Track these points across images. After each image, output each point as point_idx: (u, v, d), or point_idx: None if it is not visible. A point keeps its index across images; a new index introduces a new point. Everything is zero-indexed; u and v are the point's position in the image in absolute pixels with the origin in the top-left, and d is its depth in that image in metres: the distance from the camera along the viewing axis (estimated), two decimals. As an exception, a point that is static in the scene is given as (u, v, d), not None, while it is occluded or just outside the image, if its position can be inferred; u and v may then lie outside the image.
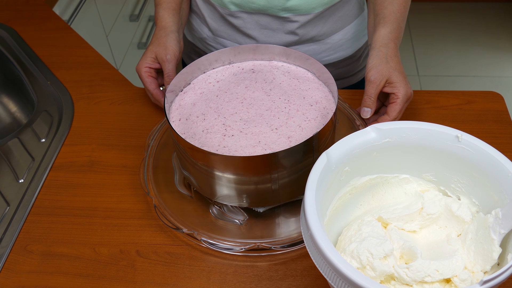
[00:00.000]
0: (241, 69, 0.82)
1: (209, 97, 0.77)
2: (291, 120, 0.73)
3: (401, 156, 0.63)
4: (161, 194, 0.78)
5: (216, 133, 0.72)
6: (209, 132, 0.72)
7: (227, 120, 0.73)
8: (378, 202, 0.65)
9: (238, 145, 0.70)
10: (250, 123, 0.73)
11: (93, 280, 0.72)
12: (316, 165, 0.57)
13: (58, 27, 1.18)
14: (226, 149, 0.69)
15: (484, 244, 0.55)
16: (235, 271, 0.71)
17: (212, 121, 0.73)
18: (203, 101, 0.77)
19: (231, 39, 0.98)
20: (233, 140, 0.70)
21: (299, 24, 0.92)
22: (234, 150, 0.69)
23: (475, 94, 0.95)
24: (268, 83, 0.79)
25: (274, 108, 0.74)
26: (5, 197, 0.83)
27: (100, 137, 0.92)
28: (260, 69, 0.82)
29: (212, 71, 0.82)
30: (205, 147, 0.69)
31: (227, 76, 0.81)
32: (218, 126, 0.73)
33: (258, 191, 0.71)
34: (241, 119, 0.73)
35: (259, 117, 0.73)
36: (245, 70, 0.82)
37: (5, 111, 1.13)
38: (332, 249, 0.50)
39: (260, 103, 0.76)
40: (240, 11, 0.92)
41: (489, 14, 2.85)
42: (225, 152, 0.69)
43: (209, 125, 0.73)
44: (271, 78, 0.80)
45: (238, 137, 0.71)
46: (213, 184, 0.72)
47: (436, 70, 2.54)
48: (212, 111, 0.75)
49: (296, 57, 0.80)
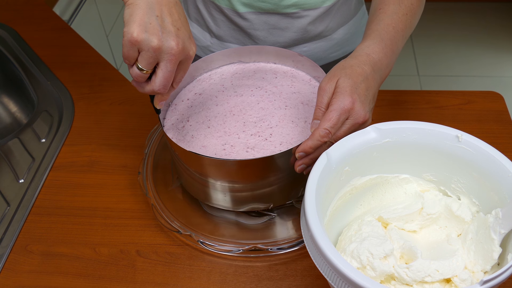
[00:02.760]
0: (239, 71, 0.82)
1: (203, 101, 0.78)
2: (284, 124, 0.72)
3: (401, 156, 0.63)
4: (160, 195, 0.78)
5: (215, 138, 0.72)
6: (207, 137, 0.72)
7: (226, 124, 0.73)
8: (378, 202, 0.65)
9: (226, 148, 0.70)
10: (247, 126, 0.73)
11: (93, 280, 0.72)
12: (316, 165, 0.57)
13: (58, 27, 1.18)
14: (225, 152, 0.70)
15: (484, 244, 0.55)
16: (235, 271, 0.71)
17: (206, 125, 0.73)
18: (196, 106, 0.77)
19: (237, 42, 0.98)
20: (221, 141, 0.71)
21: (309, 20, 0.92)
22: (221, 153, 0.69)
23: (475, 94, 0.95)
24: (264, 85, 0.79)
25: (270, 112, 0.74)
26: (5, 197, 0.83)
27: (100, 137, 0.92)
28: (257, 71, 0.82)
29: (211, 72, 0.83)
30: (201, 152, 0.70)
31: (226, 76, 0.81)
32: (215, 129, 0.73)
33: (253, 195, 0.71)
34: (237, 123, 0.73)
35: (255, 121, 0.73)
36: (243, 72, 0.82)
37: (5, 111, 1.13)
38: (332, 249, 0.50)
39: (257, 106, 0.75)
40: (248, 12, 0.91)
41: (489, 14, 2.85)
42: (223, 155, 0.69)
43: (206, 130, 0.73)
44: (267, 80, 0.80)
45: (230, 140, 0.71)
46: (206, 189, 0.72)
47: (436, 70, 2.53)
48: (205, 115, 0.75)
49: (289, 56, 0.80)
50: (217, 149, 0.70)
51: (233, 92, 0.78)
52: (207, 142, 0.71)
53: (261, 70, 0.82)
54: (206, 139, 0.71)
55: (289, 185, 0.71)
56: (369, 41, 0.70)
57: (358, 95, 0.63)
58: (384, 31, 0.72)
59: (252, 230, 0.75)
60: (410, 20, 0.75)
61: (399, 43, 0.72)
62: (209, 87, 0.80)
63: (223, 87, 0.79)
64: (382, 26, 0.72)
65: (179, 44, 0.58)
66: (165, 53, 0.58)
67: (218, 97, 0.78)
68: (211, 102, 0.77)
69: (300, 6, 0.89)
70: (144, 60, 0.58)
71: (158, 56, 0.59)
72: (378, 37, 0.70)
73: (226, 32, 0.96)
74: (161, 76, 0.60)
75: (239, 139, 0.71)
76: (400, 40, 0.73)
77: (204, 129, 0.73)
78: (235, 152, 0.69)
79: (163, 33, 0.58)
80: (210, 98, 0.78)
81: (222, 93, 0.78)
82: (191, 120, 0.75)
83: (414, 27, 0.77)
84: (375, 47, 0.69)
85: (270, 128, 0.72)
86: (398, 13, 0.74)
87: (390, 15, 0.73)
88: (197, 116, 0.75)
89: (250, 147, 0.69)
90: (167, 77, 0.60)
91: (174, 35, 0.58)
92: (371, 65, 0.67)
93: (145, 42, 0.57)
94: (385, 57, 0.69)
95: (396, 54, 0.72)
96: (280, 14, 0.91)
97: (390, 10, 0.74)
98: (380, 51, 0.69)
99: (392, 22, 0.73)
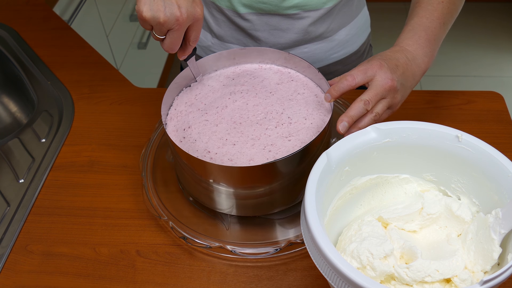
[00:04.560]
0: (239, 73, 0.82)
1: (204, 105, 0.77)
2: (286, 127, 0.72)
3: (401, 156, 0.63)
4: (160, 194, 0.78)
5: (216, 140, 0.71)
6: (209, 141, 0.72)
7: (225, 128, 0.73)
8: (378, 202, 0.65)
9: (232, 153, 0.70)
10: (245, 128, 0.72)
11: (93, 280, 0.72)
12: (316, 165, 0.57)
13: (58, 27, 1.18)
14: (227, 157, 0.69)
15: (484, 244, 0.55)
16: (235, 271, 0.71)
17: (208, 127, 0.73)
18: (196, 110, 0.77)
19: (238, 43, 0.97)
20: (225, 148, 0.70)
21: (310, 21, 0.92)
22: (227, 159, 0.69)
23: (475, 94, 0.95)
24: (263, 88, 0.78)
25: (271, 116, 0.74)
26: (5, 197, 0.83)
27: (100, 137, 0.92)
28: (255, 74, 0.81)
29: (211, 74, 0.82)
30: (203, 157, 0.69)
31: (224, 80, 0.81)
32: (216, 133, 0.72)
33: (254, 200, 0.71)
34: (235, 127, 0.73)
35: (254, 124, 0.73)
36: (242, 74, 0.82)
37: (5, 111, 1.13)
38: (332, 249, 0.50)
39: (256, 108, 0.75)
40: (249, 13, 0.91)
41: (489, 14, 2.85)
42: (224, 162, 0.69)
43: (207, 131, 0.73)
44: (265, 82, 0.79)
45: (233, 145, 0.71)
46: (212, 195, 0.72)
47: (436, 70, 2.54)
48: (207, 118, 0.75)
49: (292, 60, 0.80)
50: (220, 153, 0.70)
51: (239, 96, 0.78)
52: (211, 145, 0.71)
53: (259, 72, 0.82)
54: (209, 143, 0.71)
55: (291, 188, 0.71)
56: (403, 35, 0.76)
57: (397, 77, 0.69)
58: (417, 23, 0.76)
59: (253, 231, 0.74)
60: (448, 6, 0.78)
61: (436, 31, 0.76)
62: (209, 90, 0.80)
63: (223, 90, 0.79)
64: (416, 19, 0.77)
65: (183, 14, 0.66)
66: (172, 24, 0.66)
67: (220, 101, 0.77)
68: (212, 106, 0.77)
69: (301, 7, 0.89)
70: (156, 31, 0.68)
71: (166, 27, 0.66)
72: (411, 31, 0.76)
73: (227, 33, 0.96)
74: (168, 42, 0.69)
75: (242, 138, 0.71)
76: (438, 28, 0.77)
77: (206, 133, 0.72)
78: (237, 158, 0.69)
79: (166, 7, 0.65)
80: (211, 103, 0.77)
81: (223, 97, 0.78)
82: (192, 125, 0.74)
83: (458, 10, 0.81)
84: (408, 40, 0.75)
85: (271, 130, 0.72)
86: (432, 3, 0.78)
87: (425, 6, 0.78)
88: (198, 120, 0.75)
89: (253, 151, 0.69)
90: (173, 42, 0.69)
91: (177, 7, 0.65)
92: (405, 54, 0.73)
93: (153, 20, 0.65)
94: (420, 47, 0.74)
95: (433, 42, 0.76)
96: (281, 15, 0.91)
97: (425, 1, 0.79)
98: (413, 43, 0.74)
99: (426, 13, 0.77)
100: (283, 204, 0.74)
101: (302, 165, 0.68)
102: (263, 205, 0.72)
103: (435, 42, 0.77)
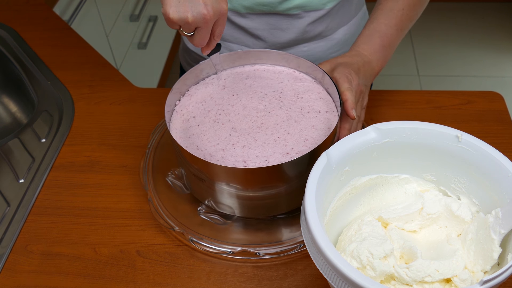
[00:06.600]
0: (241, 75, 0.82)
1: (210, 105, 0.77)
2: (293, 129, 0.72)
3: (401, 156, 0.63)
4: (160, 195, 0.78)
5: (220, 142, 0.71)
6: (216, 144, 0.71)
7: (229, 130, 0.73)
8: (378, 202, 0.65)
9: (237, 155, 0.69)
10: (252, 132, 0.72)
11: (93, 280, 0.72)
12: (316, 165, 0.57)
13: (58, 27, 1.18)
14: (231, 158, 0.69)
15: (484, 244, 0.55)
16: (235, 271, 0.71)
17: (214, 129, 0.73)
18: (202, 110, 0.76)
19: (238, 42, 0.97)
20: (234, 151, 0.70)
21: (309, 21, 0.92)
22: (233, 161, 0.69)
23: (475, 94, 0.95)
24: (269, 90, 0.78)
25: (276, 119, 0.73)
26: (5, 197, 0.83)
27: (100, 137, 0.92)
28: (261, 75, 0.81)
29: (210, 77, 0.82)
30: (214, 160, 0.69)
31: (228, 82, 0.81)
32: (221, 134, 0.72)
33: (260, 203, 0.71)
34: (234, 129, 0.73)
35: (259, 128, 0.73)
36: (245, 76, 0.81)
37: (5, 111, 1.13)
38: (332, 249, 0.50)
39: (261, 113, 0.75)
40: (249, 13, 0.91)
41: (489, 14, 2.85)
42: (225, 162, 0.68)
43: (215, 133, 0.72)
44: (273, 85, 0.79)
45: (239, 147, 0.70)
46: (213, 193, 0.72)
47: (436, 70, 2.54)
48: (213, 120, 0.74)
49: (298, 62, 0.80)
50: (225, 155, 0.69)
51: (243, 95, 0.78)
52: (213, 148, 0.71)
53: (261, 73, 0.82)
54: (211, 144, 0.71)
55: (296, 191, 0.71)
56: (360, 40, 0.82)
57: (361, 80, 0.75)
58: (375, 29, 0.82)
59: (253, 231, 0.74)
60: (408, 14, 0.83)
61: (392, 37, 0.82)
62: (214, 91, 0.79)
63: (227, 91, 0.79)
64: (375, 24, 0.83)
65: (209, 12, 0.66)
66: (199, 22, 0.66)
67: (222, 102, 0.77)
68: (216, 107, 0.76)
69: (303, 8, 0.90)
70: (184, 29, 0.68)
71: (194, 26, 0.67)
72: (368, 36, 0.82)
73: (226, 32, 0.96)
74: (198, 38, 0.69)
75: (244, 141, 0.71)
76: (394, 34, 0.83)
77: (210, 134, 0.72)
78: (249, 160, 0.68)
79: (192, 7, 0.65)
80: (215, 103, 0.77)
81: (227, 97, 0.78)
82: (197, 125, 0.74)
83: (418, 15, 0.85)
84: (364, 45, 0.81)
85: (272, 130, 0.72)
86: (393, 9, 0.83)
87: (386, 12, 0.83)
88: (203, 120, 0.74)
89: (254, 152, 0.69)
90: (202, 38, 0.70)
91: (203, 5, 0.65)
92: (362, 57, 0.79)
93: (180, 21, 0.66)
94: (374, 52, 0.81)
95: (388, 47, 0.82)
96: (281, 15, 0.91)
97: (387, 7, 0.83)
98: (369, 48, 0.80)
99: (385, 19, 0.83)
100: (292, 205, 0.74)
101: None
102: (275, 206, 0.72)
103: (389, 48, 0.83)
